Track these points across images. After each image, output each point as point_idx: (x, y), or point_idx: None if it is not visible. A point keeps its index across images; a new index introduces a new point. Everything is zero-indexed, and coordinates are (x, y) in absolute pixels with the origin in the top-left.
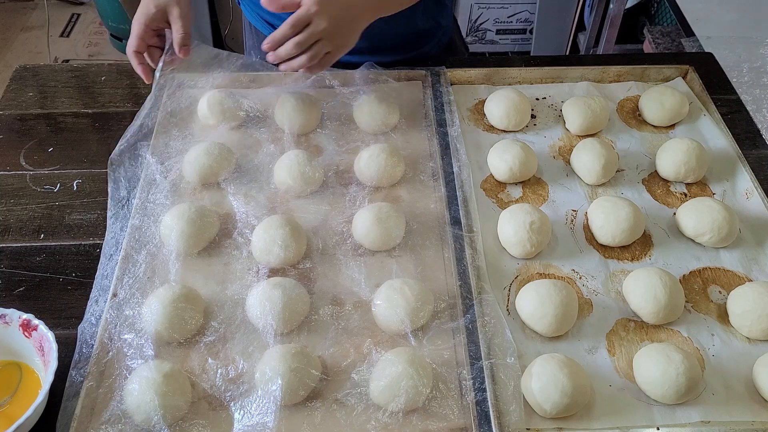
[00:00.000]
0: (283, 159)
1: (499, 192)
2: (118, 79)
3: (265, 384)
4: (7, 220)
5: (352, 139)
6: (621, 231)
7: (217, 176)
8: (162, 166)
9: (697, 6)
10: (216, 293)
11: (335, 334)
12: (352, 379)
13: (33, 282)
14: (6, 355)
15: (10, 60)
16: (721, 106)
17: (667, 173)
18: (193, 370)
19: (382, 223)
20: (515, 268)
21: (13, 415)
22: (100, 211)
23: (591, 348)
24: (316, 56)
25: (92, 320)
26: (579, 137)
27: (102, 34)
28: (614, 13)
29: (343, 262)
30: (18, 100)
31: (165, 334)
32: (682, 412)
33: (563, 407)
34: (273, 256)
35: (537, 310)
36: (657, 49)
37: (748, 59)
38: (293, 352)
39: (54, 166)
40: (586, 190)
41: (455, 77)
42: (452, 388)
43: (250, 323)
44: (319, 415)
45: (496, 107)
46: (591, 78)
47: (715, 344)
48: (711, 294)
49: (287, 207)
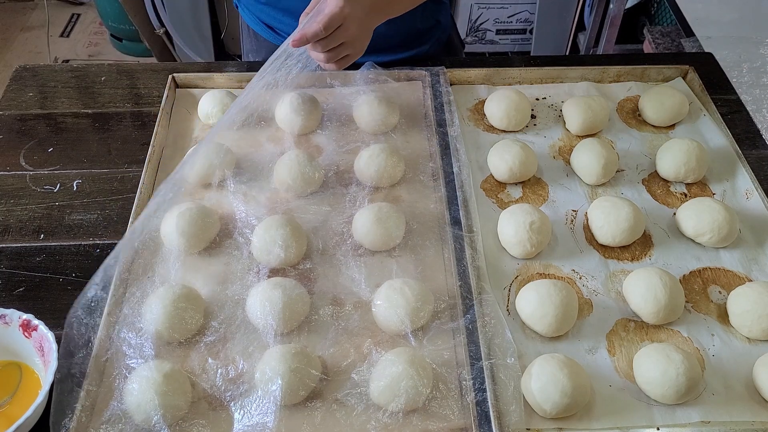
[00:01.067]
0: (283, 159)
1: (499, 192)
2: (118, 79)
3: (265, 384)
4: (7, 220)
5: (352, 139)
6: (621, 231)
7: (217, 176)
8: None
9: (697, 6)
10: (216, 293)
11: (335, 334)
12: (352, 379)
13: (33, 282)
14: (6, 355)
15: (10, 60)
16: (721, 106)
17: (667, 173)
18: (193, 369)
19: (382, 223)
20: (515, 268)
21: (13, 415)
22: (100, 211)
23: (591, 348)
24: (336, 57)
25: (80, 313)
26: (579, 137)
27: (102, 34)
28: (614, 13)
29: (343, 263)
30: (18, 100)
31: (165, 333)
32: (682, 412)
33: (563, 407)
34: (273, 256)
35: (537, 310)
36: (657, 49)
37: (748, 59)
38: (293, 352)
39: (54, 166)
40: (586, 190)
41: (455, 77)
42: (452, 389)
43: (250, 323)
44: (319, 415)
45: (496, 107)
46: (591, 78)
47: (715, 344)
48: (711, 294)
49: (287, 207)
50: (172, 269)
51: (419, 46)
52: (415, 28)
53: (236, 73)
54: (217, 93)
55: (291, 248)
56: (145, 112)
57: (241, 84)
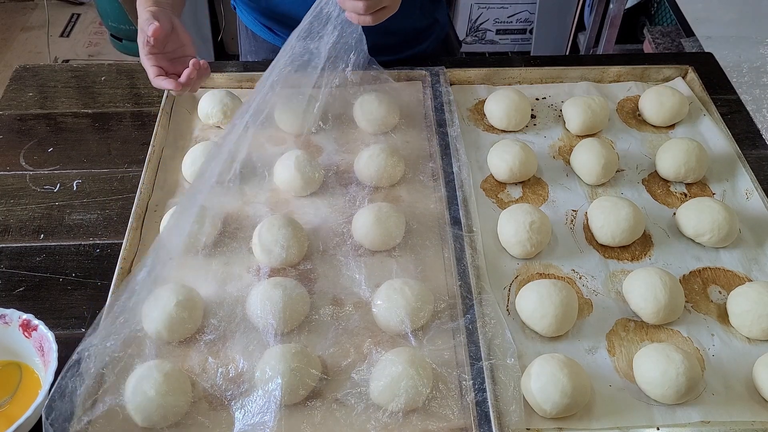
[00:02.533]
0: (283, 159)
1: (499, 192)
2: (118, 79)
3: (265, 383)
4: (7, 220)
5: (352, 139)
6: (621, 231)
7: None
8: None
9: (697, 6)
10: (216, 293)
11: (335, 334)
12: (352, 379)
13: (33, 282)
14: (6, 355)
15: (10, 60)
16: (721, 106)
17: (667, 173)
18: (193, 369)
19: (382, 223)
20: (515, 268)
21: (13, 415)
22: (100, 211)
23: (591, 348)
24: (375, 7)
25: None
26: (579, 137)
27: (102, 34)
28: (614, 13)
29: (343, 263)
30: (18, 100)
31: (165, 333)
32: (682, 412)
33: (563, 407)
34: (273, 256)
35: (537, 310)
36: (657, 49)
37: (748, 59)
38: (293, 352)
39: (54, 166)
40: (586, 190)
41: (455, 77)
42: (452, 389)
43: (250, 323)
44: (319, 415)
45: (496, 107)
46: (591, 78)
47: (715, 344)
48: (711, 294)
49: (287, 207)
50: (171, 269)
51: (418, 45)
52: (413, 27)
53: (236, 73)
54: (217, 93)
55: (291, 248)
56: (145, 112)
57: (240, 84)
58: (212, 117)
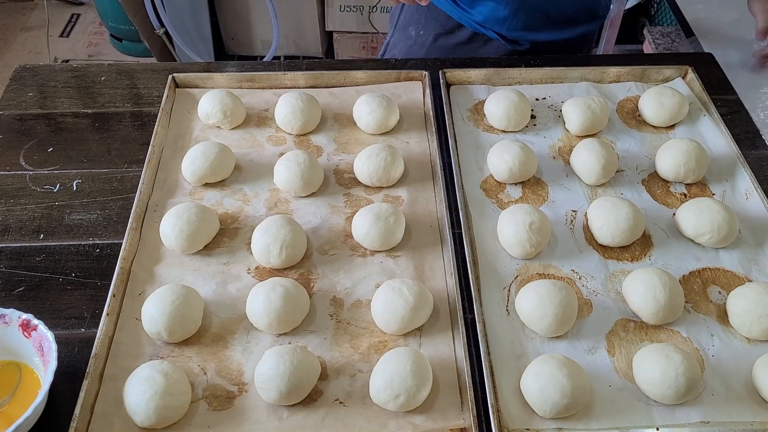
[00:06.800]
0: (283, 159)
1: (499, 192)
2: (118, 79)
3: (265, 383)
4: (6, 220)
5: (352, 139)
6: (621, 231)
7: (217, 176)
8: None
9: (697, 6)
10: (216, 293)
11: (335, 334)
12: (352, 379)
13: (33, 282)
14: (5, 355)
15: (10, 60)
16: (721, 107)
17: (666, 173)
18: (192, 369)
19: (382, 223)
20: (515, 269)
21: (12, 415)
22: (100, 211)
23: (591, 348)
24: None
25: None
26: (579, 137)
27: (102, 34)
28: (614, 13)
29: (343, 263)
30: (18, 100)
31: (165, 334)
32: (682, 412)
33: (563, 407)
34: (273, 256)
35: (537, 311)
36: (657, 49)
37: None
38: (293, 352)
39: (54, 166)
40: (586, 190)
41: (455, 77)
42: (452, 389)
43: (250, 323)
44: (319, 415)
45: (496, 107)
46: (591, 78)
47: (715, 344)
48: (711, 294)
49: (287, 207)
50: (171, 269)
51: (589, 23)
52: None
53: (236, 73)
54: (217, 93)
55: (291, 248)
56: (145, 112)
57: (240, 84)
58: (212, 117)
